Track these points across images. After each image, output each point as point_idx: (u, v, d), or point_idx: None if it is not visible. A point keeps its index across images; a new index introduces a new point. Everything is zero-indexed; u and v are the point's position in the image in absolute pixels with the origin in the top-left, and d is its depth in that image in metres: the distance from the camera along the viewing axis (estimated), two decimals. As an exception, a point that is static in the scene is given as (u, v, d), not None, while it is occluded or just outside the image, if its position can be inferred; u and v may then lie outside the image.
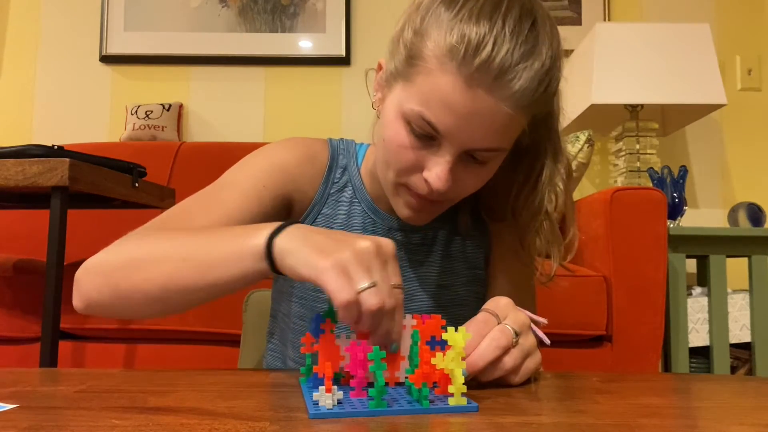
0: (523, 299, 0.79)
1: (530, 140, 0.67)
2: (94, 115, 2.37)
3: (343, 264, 0.47)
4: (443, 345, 0.48)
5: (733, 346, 1.72)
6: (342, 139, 0.81)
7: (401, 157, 0.64)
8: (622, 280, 1.46)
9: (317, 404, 0.43)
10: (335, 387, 0.44)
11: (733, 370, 1.74)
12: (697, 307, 1.70)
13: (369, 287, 0.46)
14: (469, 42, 0.57)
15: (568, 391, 0.56)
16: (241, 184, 0.71)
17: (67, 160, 1.09)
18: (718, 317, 1.68)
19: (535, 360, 0.56)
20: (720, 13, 2.35)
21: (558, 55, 0.63)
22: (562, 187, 0.73)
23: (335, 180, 0.77)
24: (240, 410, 0.44)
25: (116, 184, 1.25)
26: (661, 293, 1.47)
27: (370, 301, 0.46)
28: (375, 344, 0.47)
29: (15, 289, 1.45)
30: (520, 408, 0.47)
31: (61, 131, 2.31)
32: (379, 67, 0.69)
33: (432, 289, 0.77)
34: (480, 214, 0.80)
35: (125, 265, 0.58)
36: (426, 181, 0.63)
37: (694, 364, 1.72)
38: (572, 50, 2.21)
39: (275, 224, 0.53)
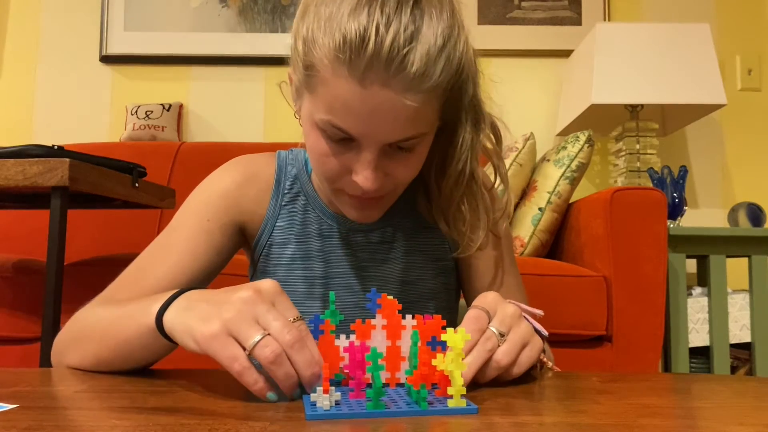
0: (509, 285, 0.79)
1: (447, 114, 0.66)
2: (94, 115, 2.37)
3: (227, 327, 0.47)
4: (444, 346, 0.48)
5: (733, 346, 1.72)
6: (292, 149, 0.81)
7: (327, 166, 0.64)
8: (622, 280, 1.46)
9: (315, 405, 0.43)
10: (333, 388, 0.44)
11: (733, 370, 1.74)
12: (697, 307, 1.70)
13: (258, 341, 0.46)
14: (351, 41, 0.55)
15: (568, 391, 0.56)
16: (186, 225, 0.73)
17: (67, 160, 1.09)
18: (718, 317, 1.68)
19: (533, 348, 0.56)
20: (720, 13, 2.35)
21: (454, 23, 0.59)
22: (491, 147, 0.71)
23: (285, 191, 0.77)
24: (240, 410, 0.44)
25: (116, 184, 1.24)
26: (661, 293, 1.47)
27: (264, 353, 0.45)
28: (282, 387, 0.46)
29: (15, 289, 1.45)
30: (520, 408, 0.47)
31: (61, 131, 2.31)
32: (290, 79, 0.68)
33: (398, 287, 0.76)
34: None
35: (66, 346, 0.64)
36: (357, 185, 0.62)
37: (694, 364, 1.72)
38: (572, 50, 2.21)
39: (166, 297, 0.53)
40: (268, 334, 0.46)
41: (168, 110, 2.28)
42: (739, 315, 1.72)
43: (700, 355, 1.73)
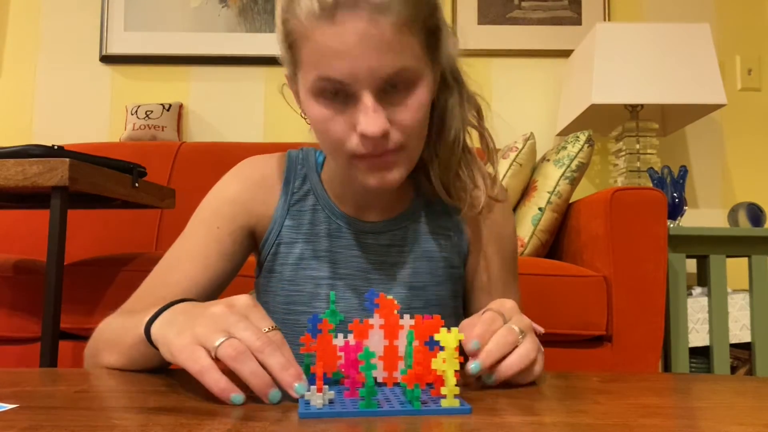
0: (508, 294, 0.79)
1: (433, 57, 0.67)
2: (94, 115, 2.37)
3: (196, 337, 0.48)
4: (433, 345, 0.48)
5: (733, 346, 1.72)
6: (303, 148, 0.81)
7: (332, 130, 0.64)
8: (622, 280, 1.46)
9: (308, 404, 0.43)
10: (326, 387, 0.44)
11: (733, 370, 1.74)
12: (697, 307, 1.70)
13: (222, 342, 0.47)
14: None
15: (568, 391, 0.56)
16: (196, 234, 0.76)
17: (67, 160, 1.09)
18: (718, 317, 1.68)
19: (542, 359, 0.57)
20: (720, 13, 2.35)
21: None
22: (475, 122, 0.75)
23: (294, 191, 0.77)
24: (240, 410, 0.44)
25: (116, 184, 1.24)
26: (661, 293, 1.47)
27: (226, 352, 0.46)
28: (251, 386, 0.46)
29: (15, 289, 1.45)
30: (519, 408, 0.47)
31: (61, 131, 2.31)
32: (287, 79, 0.71)
33: (405, 291, 0.76)
34: (453, 209, 0.79)
35: (91, 354, 0.68)
36: (363, 134, 0.62)
37: (694, 364, 1.72)
38: (572, 50, 2.21)
39: (155, 311, 0.56)
40: (235, 338, 0.47)
41: (168, 110, 2.28)
42: (739, 315, 1.72)
43: (700, 355, 1.73)
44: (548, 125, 2.29)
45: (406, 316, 0.51)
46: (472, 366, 0.52)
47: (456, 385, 0.44)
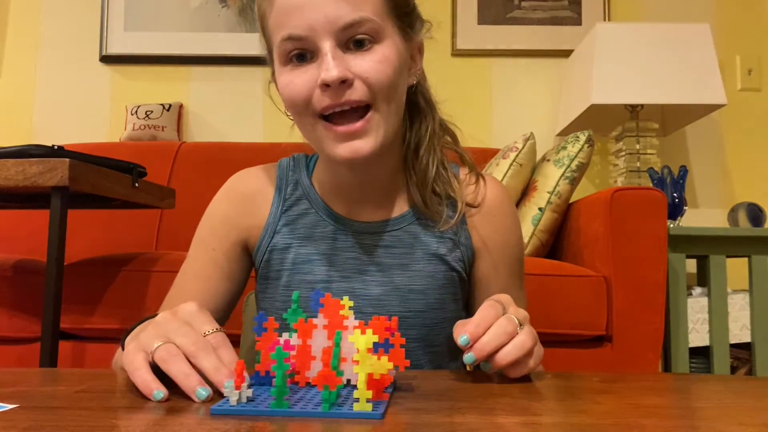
0: (515, 297, 0.79)
1: (400, 21, 0.70)
2: (94, 115, 2.37)
3: (140, 343, 0.51)
4: (387, 348, 0.46)
5: (733, 346, 1.72)
6: (293, 156, 0.82)
7: (296, 90, 0.66)
8: (622, 280, 1.46)
9: (228, 401, 0.43)
10: (245, 384, 0.44)
11: (733, 370, 1.74)
12: (697, 307, 1.70)
13: (158, 346, 0.49)
14: None
15: (568, 391, 0.56)
16: (196, 259, 0.78)
17: (67, 160, 1.09)
18: (718, 317, 1.68)
19: (540, 351, 0.57)
20: (720, 13, 2.35)
21: None
22: (451, 147, 0.78)
23: (286, 197, 0.78)
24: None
25: (116, 184, 1.24)
26: (661, 293, 1.47)
27: (159, 354, 0.48)
28: (180, 385, 0.47)
29: (15, 289, 1.45)
30: (520, 408, 0.47)
31: (61, 131, 2.31)
32: (272, 76, 0.73)
33: (405, 294, 0.74)
34: (462, 215, 0.78)
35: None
36: (323, 82, 0.63)
37: (694, 364, 1.72)
38: (572, 50, 2.21)
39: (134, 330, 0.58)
40: (172, 343, 0.49)
41: (168, 110, 2.28)
42: (739, 315, 1.72)
43: (700, 355, 1.73)
44: (548, 125, 2.29)
45: (351, 317, 0.49)
46: (466, 357, 0.53)
47: (390, 388, 0.43)
